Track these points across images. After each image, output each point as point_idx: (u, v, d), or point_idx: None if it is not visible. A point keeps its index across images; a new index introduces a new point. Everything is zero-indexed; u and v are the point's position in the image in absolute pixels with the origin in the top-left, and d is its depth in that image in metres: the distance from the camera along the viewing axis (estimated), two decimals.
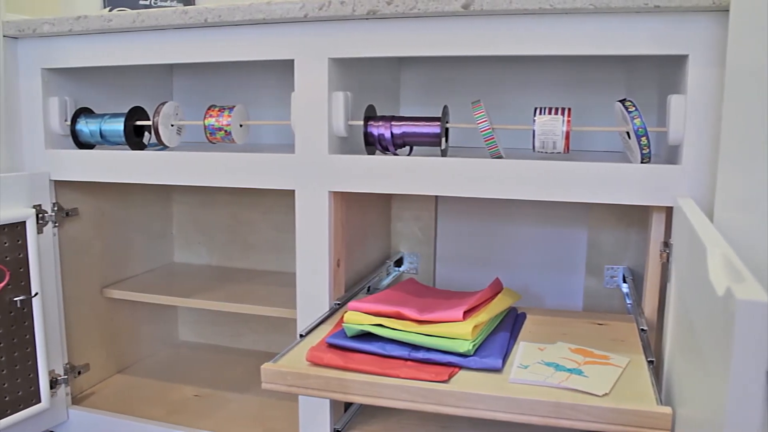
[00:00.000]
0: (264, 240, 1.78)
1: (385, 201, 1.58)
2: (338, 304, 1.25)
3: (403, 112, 1.58)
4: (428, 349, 1.01)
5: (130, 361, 1.75)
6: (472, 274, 1.60)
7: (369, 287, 1.41)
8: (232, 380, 1.67)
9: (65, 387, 1.48)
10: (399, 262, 1.62)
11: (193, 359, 1.81)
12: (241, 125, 1.30)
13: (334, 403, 1.28)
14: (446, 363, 0.99)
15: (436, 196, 1.60)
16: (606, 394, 0.89)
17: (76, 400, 1.54)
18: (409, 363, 0.99)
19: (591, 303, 1.53)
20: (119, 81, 1.59)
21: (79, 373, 1.54)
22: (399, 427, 1.32)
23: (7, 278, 1.30)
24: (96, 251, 1.59)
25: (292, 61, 1.20)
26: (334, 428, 1.28)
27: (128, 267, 1.71)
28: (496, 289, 1.22)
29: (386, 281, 1.53)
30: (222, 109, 1.28)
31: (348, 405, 1.36)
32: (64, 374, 1.47)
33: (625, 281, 1.46)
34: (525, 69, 1.50)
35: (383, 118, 1.19)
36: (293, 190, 1.21)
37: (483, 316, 1.08)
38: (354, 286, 1.36)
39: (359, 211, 1.38)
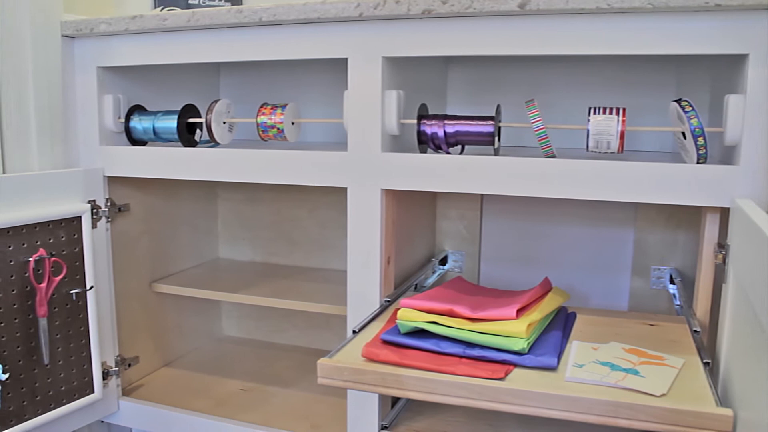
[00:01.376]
0: (308, 237, 1.80)
1: (430, 199, 1.58)
2: (388, 301, 1.26)
3: (449, 111, 1.59)
4: (482, 347, 1.02)
5: (176, 354, 1.78)
6: (517, 273, 1.60)
7: (416, 285, 1.42)
8: (276, 375, 1.69)
9: (116, 378, 1.51)
10: (443, 261, 1.63)
11: (236, 353, 1.83)
12: (292, 123, 1.31)
13: (381, 400, 1.29)
14: (501, 361, 0.99)
15: (482, 195, 1.60)
16: (664, 395, 0.89)
17: (126, 392, 1.57)
18: (464, 360, 1.00)
19: (636, 304, 1.53)
20: (168, 79, 1.62)
21: (130, 365, 1.57)
22: (445, 424, 1.33)
23: (64, 271, 1.32)
24: (145, 246, 1.62)
25: (339, 59, 1.21)
26: (381, 424, 1.29)
27: (175, 262, 1.74)
28: (546, 288, 1.23)
29: (431, 279, 1.54)
30: (274, 106, 1.29)
31: (394, 402, 1.37)
32: (116, 366, 1.50)
33: (672, 282, 1.45)
34: (572, 69, 1.50)
35: (436, 117, 1.20)
36: (338, 188, 1.22)
37: (536, 314, 1.08)
38: (402, 283, 1.37)
39: (407, 209, 1.39)
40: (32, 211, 1.28)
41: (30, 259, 1.27)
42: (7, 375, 1.22)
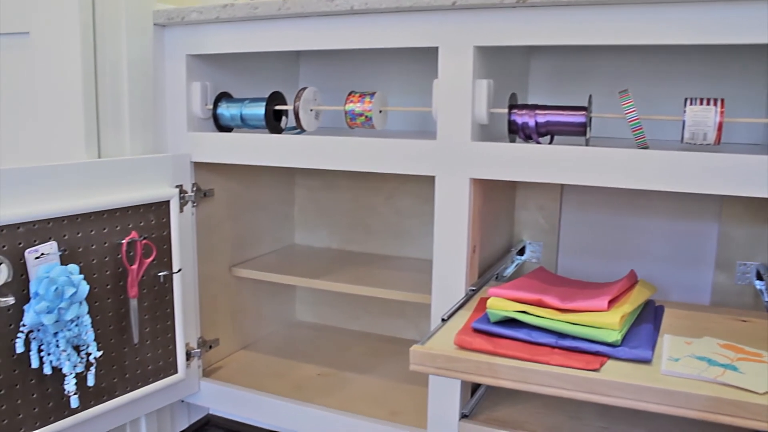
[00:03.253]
0: (384, 224, 1.81)
1: (510, 189, 1.58)
2: (473, 290, 1.26)
3: (531, 101, 1.58)
4: (575, 338, 1.02)
5: (252, 338, 1.81)
6: (595, 266, 1.59)
7: (496, 275, 1.42)
8: (351, 361, 1.70)
9: (198, 360, 1.55)
10: (521, 251, 1.62)
11: (311, 339, 1.85)
12: (380, 111, 1.32)
13: (462, 388, 1.29)
14: (594, 352, 0.99)
15: (562, 185, 1.59)
16: (766, 393, 0.88)
17: (206, 373, 1.60)
18: (556, 350, 1.00)
19: (720, 299, 1.50)
20: (250, 66, 1.65)
21: (211, 347, 1.61)
22: (525, 414, 1.33)
23: (154, 254, 1.36)
24: (226, 231, 1.65)
25: (421, 48, 1.21)
26: (462, 413, 1.30)
27: (253, 247, 1.77)
28: (632, 280, 1.21)
29: (510, 270, 1.54)
30: (363, 94, 1.30)
31: (474, 391, 1.38)
32: (198, 348, 1.54)
33: (760, 278, 1.42)
34: (657, 58, 1.47)
35: (527, 107, 1.20)
36: (416, 176, 1.23)
37: (627, 306, 1.07)
38: (484, 273, 1.37)
39: (489, 199, 1.39)
40: (125, 195, 1.31)
41: (123, 241, 1.31)
42: (101, 352, 1.26)
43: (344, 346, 1.81)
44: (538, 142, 1.21)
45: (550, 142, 1.23)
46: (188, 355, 1.50)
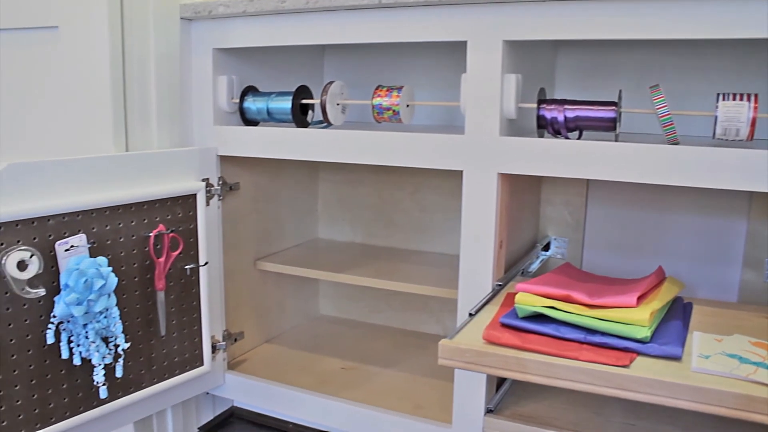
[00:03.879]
0: (408, 219, 1.81)
1: (535, 184, 1.57)
2: (499, 285, 1.26)
3: (557, 96, 1.57)
4: (603, 334, 1.01)
5: (276, 331, 1.82)
6: (621, 262, 1.58)
7: (522, 271, 1.41)
8: (375, 355, 1.71)
9: (223, 352, 1.56)
10: (546, 247, 1.62)
11: (333, 332, 1.86)
12: (407, 105, 1.32)
13: (488, 383, 1.29)
14: (624, 348, 0.99)
15: (588, 181, 1.58)
16: None
17: (231, 366, 1.61)
18: (585, 346, 1.00)
19: (748, 297, 1.48)
20: (275, 60, 1.65)
21: (236, 340, 1.62)
22: (550, 410, 1.32)
23: (181, 247, 1.37)
24: (251, 225, 1.66)
25: (447, 42, 1.21)
26: (487, 408, 1.30)
27: (277, 241, 1.77)
28: (660, 277, 1.21)
29: (535, 265, 1.53)
30: (390, 89, 1.30)
31: (498, 386, 1.38)
32: (223, 340, 1.55)
33: None
34: (685, 53, 1.46)
35: (556, 102, 1.19)
36: (442, 171, 1.22)
37: (656, 303, 1.07)
38: (510, 268, 1.37)
39: (515, 194, 1.38)
40: (153, 188, 1.32)
41: (150, 234, 1.31)
42: (128, 344, 1.28)
43: (367, 339, 1.81)
44: (567, 137, 1.20)
45: (579, 138, 1.23)
46: (213, 348, 1.51)
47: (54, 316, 1.16)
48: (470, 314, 1.13)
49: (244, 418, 1.68)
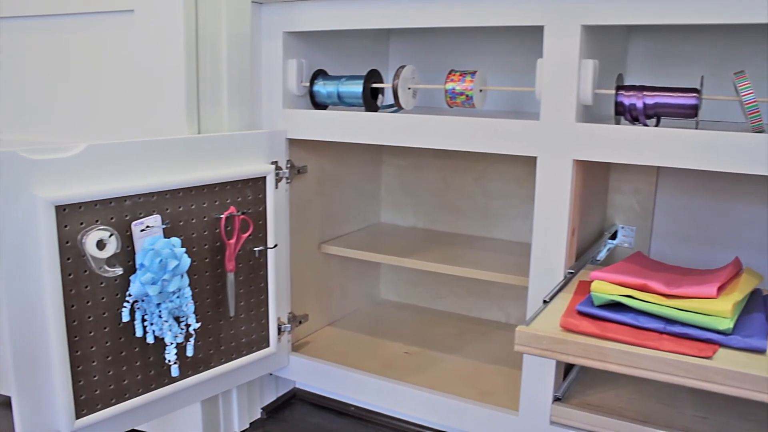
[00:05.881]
0: (472, 205, 1.80)
1: (604, 172, 1.55)
2: (571, 272, 1.25)
3: (629, 82, 1.54)
4: (683, 324, 0.99)
5: (338, 315, 1.83)
6: (690, 252, 1.55)
7: (591, 259, 1.39)
8: (438, 340, 1.71)
9: (288, 334, 1.57)
10: (613, 236, 1.59)
11: (395, 317, 1.86)
12: (480, 90, 1.31)
13: (556, 371, 1.28)
14: (705, 339, 0.97)
15: (658, 169, 1.55)
16: None
17: (294, 348, 1.63)
18: (665, 336, 0.98)
19: None
20: (341, 44, 1.65)
21: (300, 322, 1.63)
22: (618, 400, 1.31)
23: (251, 229, 1.38)
24: (317, 208, 1.67)
25: (517, 27, 1.19)
26: (555, 396, 1.29)
27: (341, 225, 1.78)
28: (737, 268, 1.18)
29: (603, 254, 1.51)
30: (463, 73, 1.29)
31: (566, 374, 1.36)
32: (288, 322, 1.56)
33: None
34: (760, 39, 1.42)
35: (634, 88, 1.17)
36: (507, 157, 1.20)
37: (737, 294, 1.04)
38: (579, 256, 1.35)
39: (586, 182, 1.36)
40: (224, 170, 1.33)
41: (222, 216, 1.33)
42: (199, 324, 1.29)
43: (429, 325, 1.81)
44: (645, 124, 1.18)
45: (656, 125, 1.20)
46: (279, 330, 1.53)
47: (129, 295, 1.18)
48: (544, 301, 1.12)
49: (306, 400, 1.70)
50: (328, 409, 1.66)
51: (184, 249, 1.22)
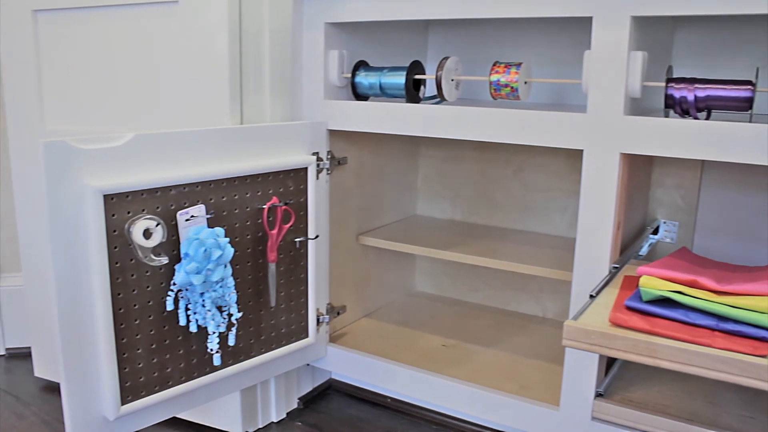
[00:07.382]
0: (510, 198, 1.79)
1: (647, 166, 1.53)
2: (616, 267, 1.23)
3: (675, 74, 1.52)
4: (736, 322, 0.98)
5: (374, 306, 1.83)
6: (734, 248, 1.52)
7: (635, 254, 1.38)
8: (475, 333, 1.70)
9: (326, 325, 1.57)
10: (655, 231, 1.58)
11: (431, 309, 1.86)
12: (525, 82, 1.30)
13: (599, 367, 1.27)
14: (760, 338, 0.95)
15: (702, 163, 1.53)
16: None
17: (331, 339, 1.63)
18: (717, 333, 0.96)
19: None
20: (380, 35, 1.64)
21: (338, 313, 1.63)
22: (662, 397, 1.29)
23: (293, 220, 1.38)
24: (356, 199, 1.67)
25: (559, 18, 1.17)
26: (596, 392, 1.28)
27: (378, 216, 1.78)
28: None
29: (645, 249, 1.49)
30: (508, 65, 1.28)
31: (607, 370, 1.35)
32: (326, 313, 1.56)
33: None
34: None
35: (685, 80, 1.15)
36: (547, 149, 1.18)
37: None
38: (623, 251, 1.34)
39: (631, 175, 1.35)
40: (267, 161, 1.33)
41: (264, 206, 1.33)
42: (241, 314, 1.30)
43: (465, 318, 1.81)
44: (696, 118, 1.16)
45: (707, 118, 1.18)
46: (317, 321, 1.53)
47: (174, 284, 1.19)
48: (591, 296, 1.11)
49: (342, 391, 1.70)
50: (364, 401, 1.66)
51: (227, 239, 1.22)
